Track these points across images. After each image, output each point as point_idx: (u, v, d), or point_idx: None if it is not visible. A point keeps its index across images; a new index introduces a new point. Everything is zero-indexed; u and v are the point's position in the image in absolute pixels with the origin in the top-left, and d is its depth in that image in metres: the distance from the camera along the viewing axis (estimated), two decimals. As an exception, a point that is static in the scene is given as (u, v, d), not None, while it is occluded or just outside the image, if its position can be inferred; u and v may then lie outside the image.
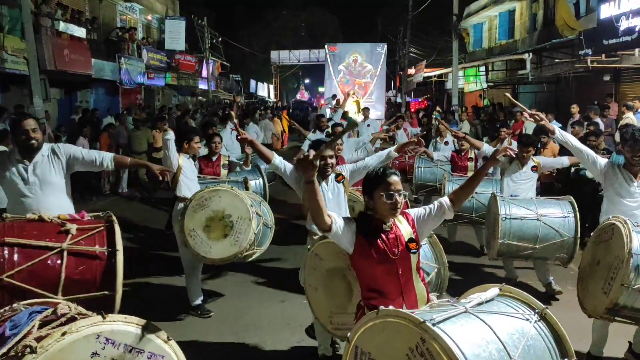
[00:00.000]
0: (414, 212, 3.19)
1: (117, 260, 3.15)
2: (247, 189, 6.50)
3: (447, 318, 2.30)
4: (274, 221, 5.68)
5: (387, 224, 3.01)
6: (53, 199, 3.92)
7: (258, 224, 5.12)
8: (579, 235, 5.44)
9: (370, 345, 2.43)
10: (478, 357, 2.14)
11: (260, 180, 7.88)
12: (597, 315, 3.96)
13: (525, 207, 5.58)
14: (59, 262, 3.08)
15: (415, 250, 3.00)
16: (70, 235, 3.19)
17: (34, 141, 3.87)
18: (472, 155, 7.95)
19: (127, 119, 13.74)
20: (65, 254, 3.11)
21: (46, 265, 3.06)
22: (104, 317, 2.24)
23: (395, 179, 2.98)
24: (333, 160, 4.62)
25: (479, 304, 2.50)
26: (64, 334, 2.12)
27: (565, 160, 6.16)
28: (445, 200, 3.19)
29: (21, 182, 3.88)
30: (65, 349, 2.09)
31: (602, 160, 4.68)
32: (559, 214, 5.51)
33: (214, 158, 6.51)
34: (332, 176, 4.64)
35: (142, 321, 2.35)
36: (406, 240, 3.00)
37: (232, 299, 5.96)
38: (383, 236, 2.98)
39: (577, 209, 5.53)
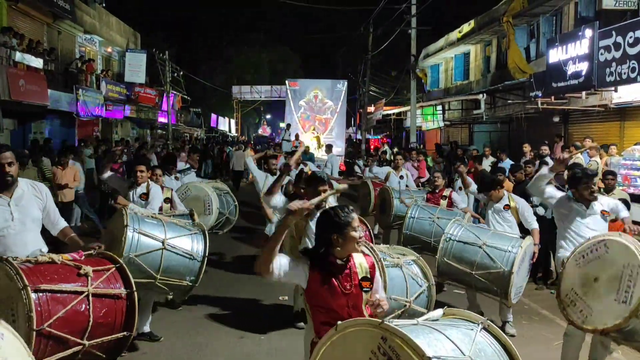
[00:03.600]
0: (377, 276, 3.16)
1: (135, 300, 3.31)
2: (192, 219, 6.18)
3: (402, 325, 2.38)
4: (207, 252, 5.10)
5: (342, 259, 3.05)
6: (33, 235, 3.81)
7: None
8: (514, 270, 5.39)
9: None
10: (436, 352, 2.21)
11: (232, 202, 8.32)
12: (609, 330, 3.76)
13: (475, 234, 5.86)
14: (86, 306, 3.12)
15: (368, 290, 3.06)
16: (90, 278, 3.22)
17: (9, 177, 3.66)
18: (447, 194, 8.14)
19: (83, 151, 13.40)
20: (90, 297, 3.14)
21: (77, 311, 3.09)
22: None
23: (356, 216, 3.14)
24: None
25: (427, 320, 2.58)
26: None
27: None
28: None
29: (3, 218, 3.66)
30: None
31: (557, 193, 5.12)
32: (504, 247, 5.65)
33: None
34: (318, 214, 4.70)
35: None
36: (360, 278, 3.05)
37: (187, 335, 5.78)
38: (337, 272, 3.02)
39: (525, 247, 5.59)
